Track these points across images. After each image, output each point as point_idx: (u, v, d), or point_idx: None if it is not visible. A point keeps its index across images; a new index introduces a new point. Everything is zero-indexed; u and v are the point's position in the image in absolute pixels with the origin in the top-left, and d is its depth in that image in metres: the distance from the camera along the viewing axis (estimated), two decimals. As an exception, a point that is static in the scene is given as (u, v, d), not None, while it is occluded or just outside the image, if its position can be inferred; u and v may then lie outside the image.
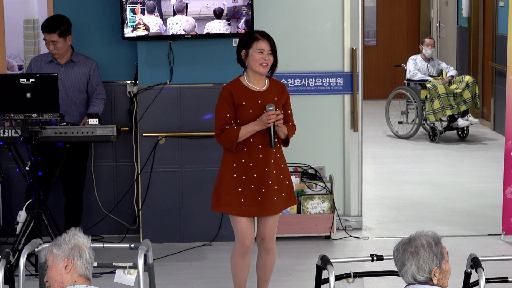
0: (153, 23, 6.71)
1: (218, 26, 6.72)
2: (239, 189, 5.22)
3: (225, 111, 5.20)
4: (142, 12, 6.68)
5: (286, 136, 5.30)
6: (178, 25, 6.73)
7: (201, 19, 6.74)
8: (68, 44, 6.63)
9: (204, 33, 6.74)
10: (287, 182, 5.33)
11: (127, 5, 6.68)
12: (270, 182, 5.22)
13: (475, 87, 11.12)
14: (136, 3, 6.66)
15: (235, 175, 5.22)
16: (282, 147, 5.35)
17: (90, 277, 3.54)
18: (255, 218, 5.45)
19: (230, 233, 6.43)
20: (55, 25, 6.54)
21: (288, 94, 5.37)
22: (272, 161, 5.23)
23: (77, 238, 3.54)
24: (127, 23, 6.71)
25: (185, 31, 6.74)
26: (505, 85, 7.18)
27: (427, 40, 11.54)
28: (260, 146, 5.20)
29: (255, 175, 5.20)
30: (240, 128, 5.16)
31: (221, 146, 5.32)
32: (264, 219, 5.32)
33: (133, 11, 6.68)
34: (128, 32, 6.73)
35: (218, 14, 6.69)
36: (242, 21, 6.70)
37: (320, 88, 7.29)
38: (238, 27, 6.71)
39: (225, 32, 6.71)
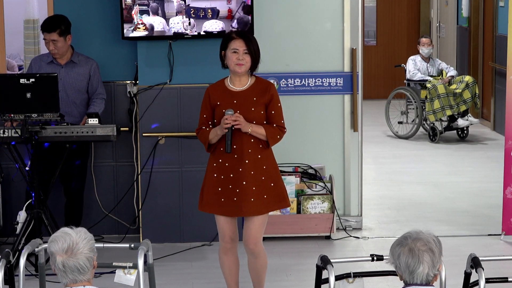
0: (157, 22, 6.72)
1: (214, 25, 6.73)
2: (219, 189, 5.25)
3: (203, 112, 5.31)
4: (144, 12, 6.68)
5: (267, 138, 5.23)
6: (179, 24, 6.74)
7: (199, 19, 6.76)
8: (68, 44, 6.63)
9: (202, 31, 6.74)
10: (272, 184, 5.26)
11: (135, 7, 6.68)
12: (244, 182, 5.19)
13: (475, 87, 11.13)
14: (144, 5, 6.68)
15: (215, 175, 5.26)
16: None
17: (78, 280, 3.44)
18: (243, 220, 5.45)
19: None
20: (55, 24, 6.54)
21: (275, 94, 5.28)
22: (247, 161, 5.19)
23: (52, 245, 3.45)
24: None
25: (185, 30, 6.75)
26: (505, 85, 7.18)
27: (423, 40, 11.57)
28: (235, 146, 5.20)
29: (231, 175, 5.22)
30: (210, 131, 5.23)
31: None
32: (248, 222, 5.32)
33: (130, 12, 6.69)
34: (128, 32, 6.73)
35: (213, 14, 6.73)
36: (235, 20, 6.70)
37: (320, 88, 7.28)
38: (232, 27, 6.71)
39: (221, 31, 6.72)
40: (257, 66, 5.28)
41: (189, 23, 6.71)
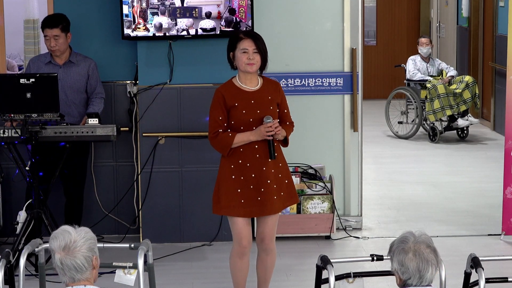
0: (165, 21, 6.74)
1: (207, 24, 6.75)
2: (238, 190, 5.20)
3: (217, 114, 5.18)
4: (154, 14, 6.71)
5: (285, 137, 5.30)
6: (182, 24, 6.77)
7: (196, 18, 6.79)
8: (68, 41, 6.64)
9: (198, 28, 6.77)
10: (286, 181, 5.30)
11: (148, 9, 6.70)
12: (268, 181, 5.20)
13: (475, 87, 11.13)
14: (155, 8, 6.70)
15: (233, 177, 5.21)
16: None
17: (76, 278, 3.43)
18: (254, 218, 5.44)
19: (230, 233, 6.39)
20: (57, 20, 6.59)
21: (283, 93, 5.34)
22: (269, 160, 5.21)
23: (52, 242, 3.44)
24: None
25: (186, 26, 6.77)
26: (505, 85, 7.18)
27: (422, 39, 11.59)
28: (256, 146, 5.18)
29: (253, 175, 5.19)
30: (235, 135, 5.15)
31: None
32: (264, 219, 5.31)
33: (131, 12, 6.70)
34: (128, 32, 6.73)
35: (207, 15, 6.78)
36: (223, 20, 6.72)
37: (320, 88, 7.29)
38: (221, 25, 6.72)
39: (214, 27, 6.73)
40: (266, 64, 5.26)
41: (176, 23, 6.74)
